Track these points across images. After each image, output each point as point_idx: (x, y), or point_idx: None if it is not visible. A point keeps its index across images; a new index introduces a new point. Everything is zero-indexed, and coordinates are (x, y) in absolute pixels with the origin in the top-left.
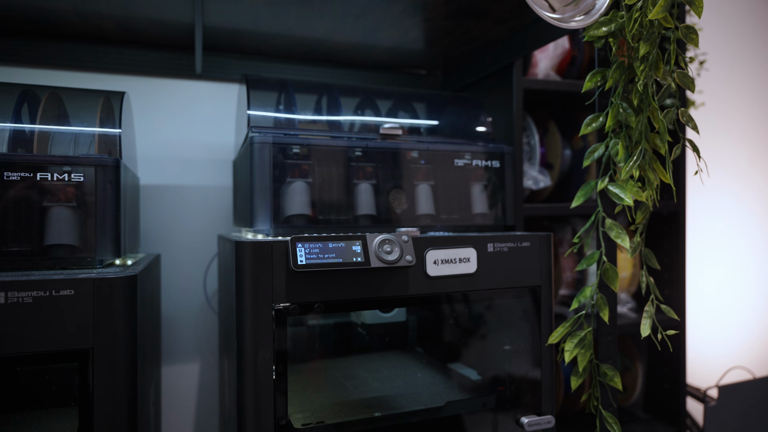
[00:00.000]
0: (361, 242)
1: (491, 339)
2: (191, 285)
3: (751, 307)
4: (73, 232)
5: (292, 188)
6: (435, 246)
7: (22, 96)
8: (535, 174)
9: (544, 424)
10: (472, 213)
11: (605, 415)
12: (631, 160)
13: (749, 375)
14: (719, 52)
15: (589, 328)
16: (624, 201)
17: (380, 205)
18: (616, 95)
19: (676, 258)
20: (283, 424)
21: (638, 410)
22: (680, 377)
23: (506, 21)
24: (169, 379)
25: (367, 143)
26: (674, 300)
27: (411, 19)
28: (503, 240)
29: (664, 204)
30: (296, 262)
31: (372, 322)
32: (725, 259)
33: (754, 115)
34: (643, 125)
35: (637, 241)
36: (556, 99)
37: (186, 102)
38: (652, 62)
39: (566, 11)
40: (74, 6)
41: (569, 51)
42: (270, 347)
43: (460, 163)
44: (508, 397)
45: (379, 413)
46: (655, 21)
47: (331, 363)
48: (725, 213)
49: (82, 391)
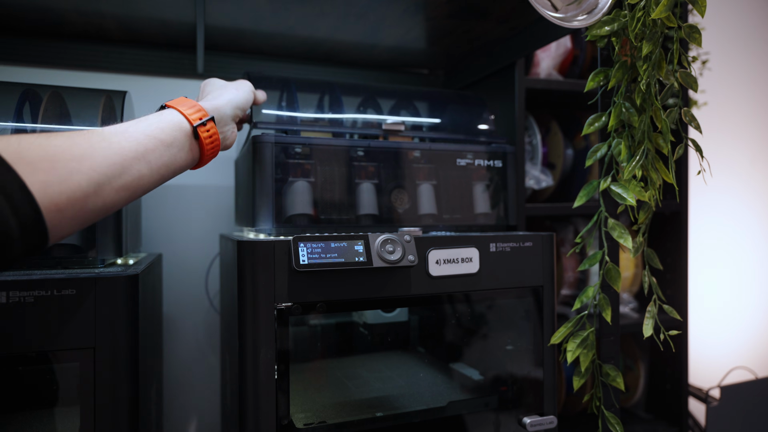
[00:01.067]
0: (364, 242)
1: (493, 339)
2: (193, 284)
3: (754, 307)
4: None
5: (294, 187)
6: (437, 246)
7: (23, 95)
8: (537, 174)
9: (547, 424)
10: (474, 213)
11: (607, 416)
12: (633, 160)
13: (751, 375)
14: (721, 51)
15: (591, 328)
16: (627, 201)
17: (382, 205)
18: (618, 95)
19: (679, 258)
20: (284, 424)
21: (640, 410)
22: (682, 377)
23: (508, 20)
24: (171, 378)
25: (370, 143)
26: (676, 300)
27: (412, 18)
28: (506, 240)
29: (667, 204)
30: (298, 261)
31: (374, 321)
32: (727, 259)
33: (756, 115)
34: (645, 125)
35: (639, 241)
36: (558, 98)
37: None
38: (654, 62)
39: (569, 10)
40: (76, 5)
41: (571, 50)
42: (272, 347)
43: (463, 163)
44: (510, 397)
45: (381, 413)
46: (658, 20)
47: (333, 363)
48: (727, 213)
49: (83, 390)
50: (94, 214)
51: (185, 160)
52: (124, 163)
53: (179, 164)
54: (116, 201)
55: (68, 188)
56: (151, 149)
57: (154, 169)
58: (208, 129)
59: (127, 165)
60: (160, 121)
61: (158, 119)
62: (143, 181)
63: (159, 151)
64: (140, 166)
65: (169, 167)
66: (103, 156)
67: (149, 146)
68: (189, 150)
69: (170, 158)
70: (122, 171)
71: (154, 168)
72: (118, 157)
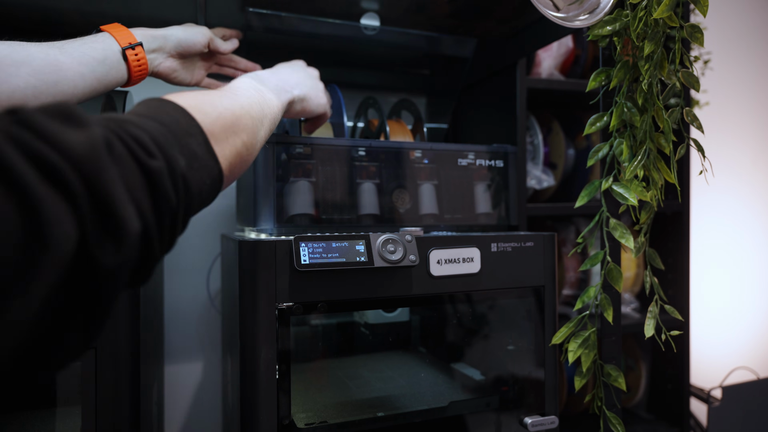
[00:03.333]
0: (365, 242)
1: (494, 339)
2: (194, 284)
3: (755, 307)
4: None
5: (296, 187)
6: (438, 246)
7: None
8: (539, 173)
9: (548, 424)
10: (476, 213)
11: (609, 416)
12: (635, 160)
13: (753, 375)
14: (723, 51)
15: (592, 328)
16: (628, 201)
17: (383, 205)
18: (620, 94)
19: (680, 258)
20: (286, 424)
21: (641, 411)
22: (684, 378)
23: (510, 20)
24: (172, 378)
25: (371, 142)
26: (678, 300)
27: (414, 17)
28: (507, 240)
29: (668, 204)
30: (300, 261)
31: (375, 321)
32: (728, 259)
33: (757, 115)
34: (647, 125)
35: (641, 241)
36: (559, 98)
37: None
38: (656, 61)
39: (570, 10)
40: (76, 5)
41: (573, 50)
42: (273, 347)
43: (464, 163)
44: (511, 397)
45: (382, 413)
46: (660, 20)
47: (334, 363)
48: (728, 213)
49: (85, 390)
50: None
51: (115, 78)
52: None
53: (109, 81)
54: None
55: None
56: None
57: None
58: (136, 53)
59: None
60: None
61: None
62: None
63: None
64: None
65: (101, 81)
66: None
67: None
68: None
69: (102, 74)
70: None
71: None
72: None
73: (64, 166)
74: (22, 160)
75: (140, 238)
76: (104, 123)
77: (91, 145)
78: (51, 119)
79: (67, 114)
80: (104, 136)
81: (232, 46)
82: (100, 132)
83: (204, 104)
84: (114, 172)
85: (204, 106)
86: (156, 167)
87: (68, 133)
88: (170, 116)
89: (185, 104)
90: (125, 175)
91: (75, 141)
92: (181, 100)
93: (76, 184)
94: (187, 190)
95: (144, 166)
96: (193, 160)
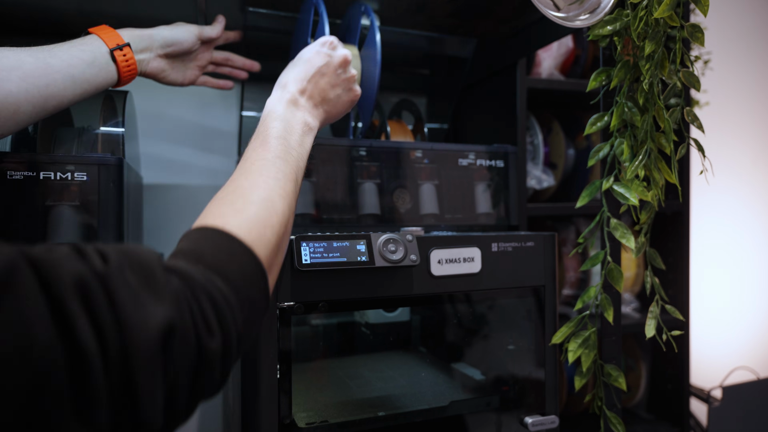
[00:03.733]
0: (366, 241)
1: (495, 339)
2: None
3: (756, 307)
4: (75, 232)
5: None
6: (439, 245)
7: None
8: (539, 174)
9: (548, 424)
10: (476, 212)
11: (609, 416)
12: (636, 160)
13: (753, 375)
14: (723, 51)
15: (593, 328)
16: (629, 201)
17: (384, 205)
18: (621, 94)
19: (680, 258)
20: (287, 423)
21: (642, 411)
22: (684, 378)
23: (510, 20)
24: None
25: (372, 142)
26: (678, 300)
27: (414, 17)
28: (507, 240)
29: (668, 204)
30: (301, 261)
31: (376, 321)
32: (729, 259)
33: (757, 115)
34: (648, 124)
35: (641, 241)
36: (559, 98)
37: (189, 101)
38: (657, 61)
39: (571, 10)
40: (76, 5)
41: (573, 50)
42: (274, 346)
43: (464, 163)
44: (511, 397)
45: (383, 413)
46: (661, 20)
47: (335, 362)
48: (728, 213)
49: None
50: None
51: (105, 79)
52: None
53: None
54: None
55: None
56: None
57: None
58: (124, 54)
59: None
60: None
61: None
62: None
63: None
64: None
65: (91, 83)
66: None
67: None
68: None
69: (92, 75)
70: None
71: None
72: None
73: (114, 354)
74: (86, 324)
75: (163, 413)
76: (181, 288)
77: (147, 340)
78: (129, 284)
79: (148, 274)
80: (169, 323)
81: (220, 26)
82: (168, 315)
83: (261, 228)
84: (158, 372)
85: (263, 234)
86: (213, 349)
87: (138, 313)
88: (239, 264)
89: (251, 242)
90: (170, 371)
91: (138, 327)
92: (243, 233)
93: (114, 377)
94: (238, 348)
95: (202, 349)
96: (252, 310)
